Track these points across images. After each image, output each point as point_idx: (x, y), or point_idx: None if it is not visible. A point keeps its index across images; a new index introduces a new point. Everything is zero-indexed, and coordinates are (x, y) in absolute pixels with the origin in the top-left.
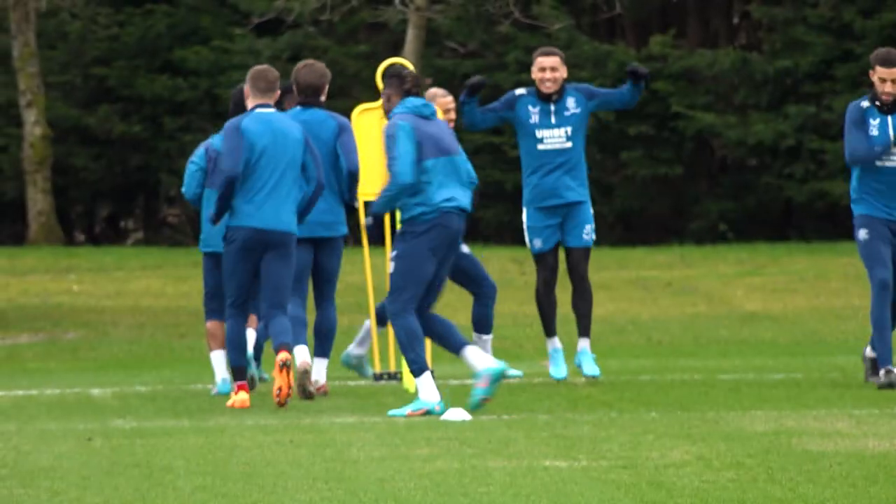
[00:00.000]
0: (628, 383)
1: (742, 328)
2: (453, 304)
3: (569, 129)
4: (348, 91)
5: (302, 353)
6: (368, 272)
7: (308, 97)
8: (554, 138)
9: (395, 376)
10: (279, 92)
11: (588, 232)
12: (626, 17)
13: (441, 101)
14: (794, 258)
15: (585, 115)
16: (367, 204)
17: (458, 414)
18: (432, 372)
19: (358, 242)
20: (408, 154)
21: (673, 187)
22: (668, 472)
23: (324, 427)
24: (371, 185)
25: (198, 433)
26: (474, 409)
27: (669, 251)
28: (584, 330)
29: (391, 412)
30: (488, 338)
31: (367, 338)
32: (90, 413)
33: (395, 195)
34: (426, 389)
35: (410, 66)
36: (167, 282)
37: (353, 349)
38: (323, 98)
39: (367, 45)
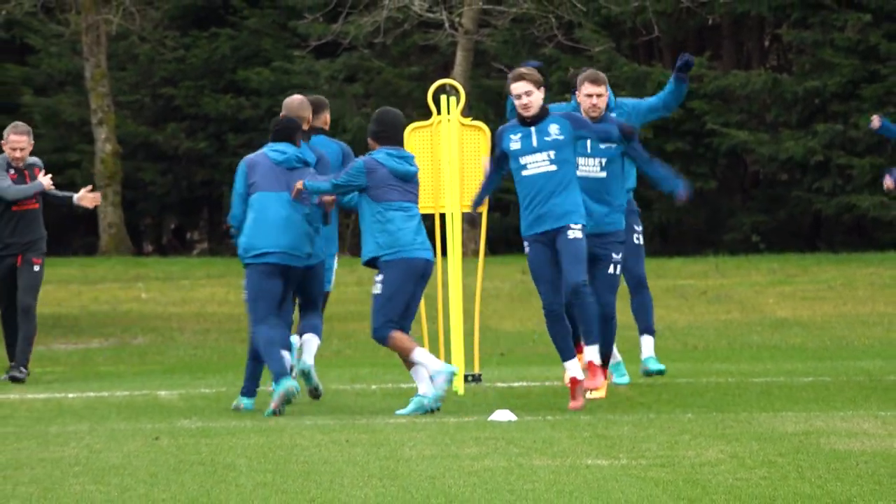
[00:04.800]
0: (666, 386)
1: (773, 334)
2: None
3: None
4: (401, 110)
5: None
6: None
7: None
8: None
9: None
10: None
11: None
12: (664, 40)
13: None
14: (822, 268)
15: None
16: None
17: (504, 415)
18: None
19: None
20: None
21: (708, 201)
22: (704, 471)
23: (378, 427)
24: (421, 199)
25: (259, 433)
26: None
27: (705, 261)
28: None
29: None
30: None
31: None
32: (158, 414)
33: None
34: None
35: (460, 87)
36: (230, 290)
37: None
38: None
39: (419, 66)
